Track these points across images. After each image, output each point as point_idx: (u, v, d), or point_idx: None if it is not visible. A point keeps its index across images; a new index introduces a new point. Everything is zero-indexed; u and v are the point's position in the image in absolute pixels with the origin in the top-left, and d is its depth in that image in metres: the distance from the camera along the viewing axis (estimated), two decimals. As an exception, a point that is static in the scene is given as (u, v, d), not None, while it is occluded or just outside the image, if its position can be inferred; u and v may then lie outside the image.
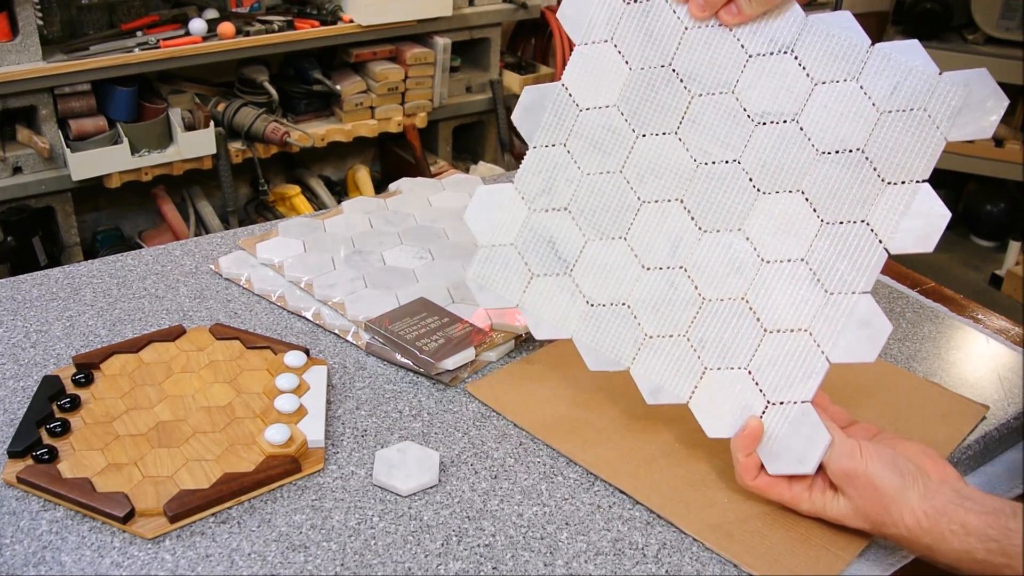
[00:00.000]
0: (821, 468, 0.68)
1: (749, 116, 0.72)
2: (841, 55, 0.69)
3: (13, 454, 0.70)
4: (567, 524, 0.69)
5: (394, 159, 2.58)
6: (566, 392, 0.82)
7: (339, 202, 1.18)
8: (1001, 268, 2.86)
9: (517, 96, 2.63)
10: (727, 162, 0.73)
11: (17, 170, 1.93)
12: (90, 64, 1.88)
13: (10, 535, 0.65)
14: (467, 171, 2.45)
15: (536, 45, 2.87)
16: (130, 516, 0.65)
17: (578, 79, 0.78)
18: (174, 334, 0.85)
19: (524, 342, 0.90)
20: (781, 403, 0.69)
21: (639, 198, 0.75)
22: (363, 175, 2.51)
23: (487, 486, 0.72)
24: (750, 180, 0.72)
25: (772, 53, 0.71)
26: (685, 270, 0.74)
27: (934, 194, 0.67)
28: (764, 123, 0.72)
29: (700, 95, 0.74)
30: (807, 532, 0.68)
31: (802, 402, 0.68)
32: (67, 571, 0.62)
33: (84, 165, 1.92)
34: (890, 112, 0.68)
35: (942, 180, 3.16)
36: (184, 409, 0.76)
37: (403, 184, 1.18)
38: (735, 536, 0.68)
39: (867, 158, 0.68)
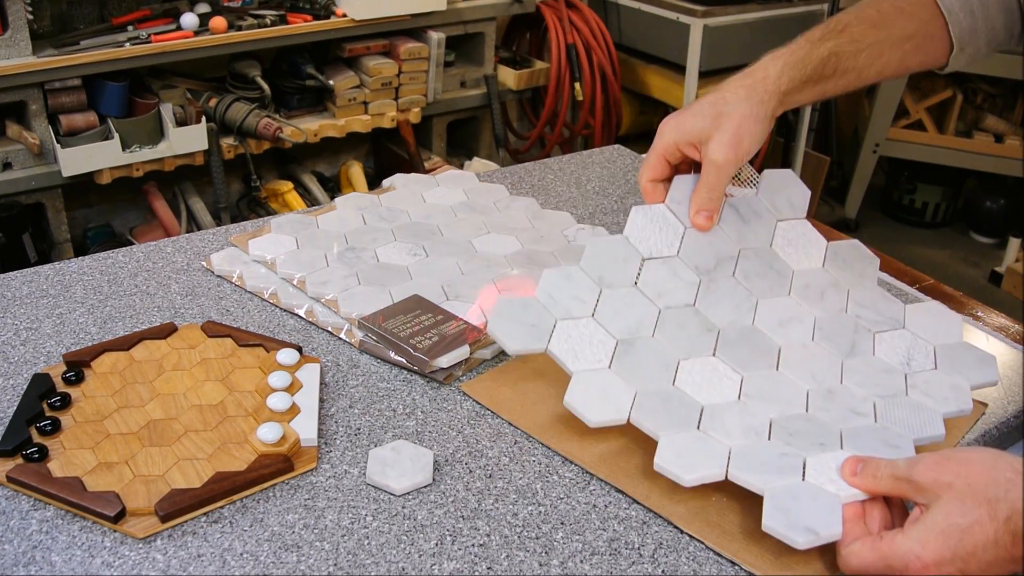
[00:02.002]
0: (901, 506, 0.66)
1: None
2: None
3: (3, 453, 0.69)
4: (562, 524, 0.68)
5: (388, 155, 2.57)
6: (561, 390, 0.82)
7: (332, 198, 1.17)
8: (1001, 265, 2.86)
9: (512, 91, 2.64)
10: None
11: (7, 166, 1.91)
12: (80, 59, 1.87)
13: (-1, 536, 0.64)
14: (461, 167, 2.44)
15: (531, 40, 2.87)
16: (121, 515, 0.64)
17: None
18: (165, 331, 0.84)
19: (519, 339, 0.89)
20: None
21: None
22: (356, 171, 2.50)
23: (482, 485, 0.71)
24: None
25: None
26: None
27: None
28: None
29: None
30: (805, 531, 0.68)
31: None
32: (57, 571, 0.61)
33: (74, 161, 1.90)
34: None
35: (942, 176, 3.16)
36: (175, 407, 0.75)
37: (397, 180, 1.17)
38: (734, 534, 0.67)
39: None
